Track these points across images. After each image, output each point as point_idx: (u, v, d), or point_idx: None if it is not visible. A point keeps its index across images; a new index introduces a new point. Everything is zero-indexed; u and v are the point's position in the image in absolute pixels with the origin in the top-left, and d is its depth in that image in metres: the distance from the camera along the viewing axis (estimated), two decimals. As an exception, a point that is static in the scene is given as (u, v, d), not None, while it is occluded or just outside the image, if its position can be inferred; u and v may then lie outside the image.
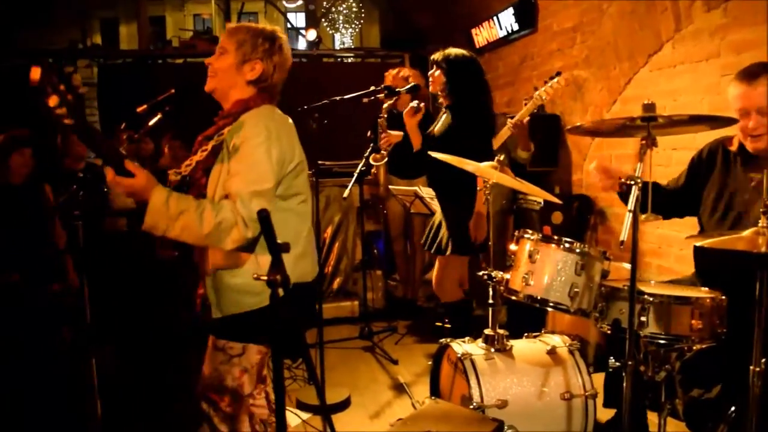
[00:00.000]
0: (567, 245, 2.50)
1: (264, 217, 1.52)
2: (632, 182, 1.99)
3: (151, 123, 2.39)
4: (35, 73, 1.48)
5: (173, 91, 2.25)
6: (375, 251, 5.56)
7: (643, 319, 2.29)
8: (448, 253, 3.63)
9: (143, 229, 1.87)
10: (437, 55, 3.62)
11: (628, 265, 3.30)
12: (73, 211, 2.62)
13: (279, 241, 1.51)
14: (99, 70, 7.62)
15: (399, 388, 3.78)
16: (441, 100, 3.71)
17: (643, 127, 2.05)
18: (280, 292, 1.54)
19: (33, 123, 5.55)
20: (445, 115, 3.65)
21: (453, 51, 3.62)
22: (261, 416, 2.33)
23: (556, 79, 3.74)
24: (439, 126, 3.66)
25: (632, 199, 1.96)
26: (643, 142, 2.03)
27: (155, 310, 3.75)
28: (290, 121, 2.20)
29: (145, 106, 2.26)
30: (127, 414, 3.12)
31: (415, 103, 3.59)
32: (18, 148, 3.77)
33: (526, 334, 2.95)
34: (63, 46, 8.84)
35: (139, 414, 3.22)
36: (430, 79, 3.64)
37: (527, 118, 3.64)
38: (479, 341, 2.76)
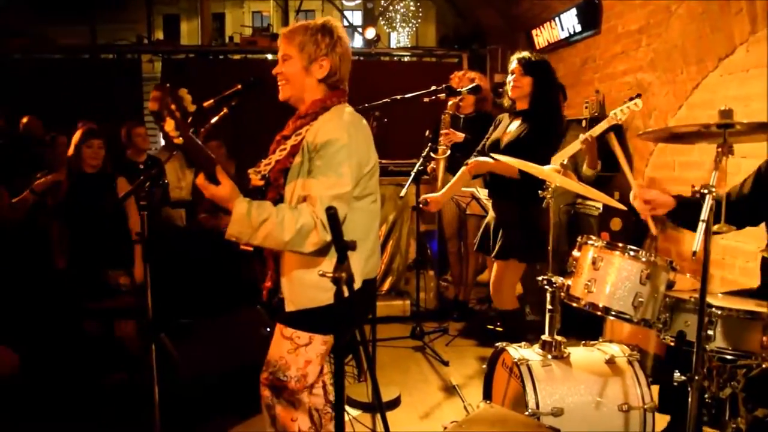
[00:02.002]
0: (632, 253, 2.44)
1: (332, 214, 1.53)
2: (706, 191, 1.92)
3: (213, 120, 2.41)
4: (153, 103, 1.67)
5: (240, 86, 2.27)
6: (428, 251, 5.54)
7: (709, 332, 2.22)
8: (507, 259, 3.52)
9: (226, 238, 1.93)
10: (521, 57, 3.45)
11: (691, 276, 3.21)
12: (140, 202, 2.70)
13: (349, 239, 1.52)
14: (162, 65, 7.83)
15: (449, 390, 3.76)
16: (508, 103, 3.59)
17: (719, 134, 1.97)
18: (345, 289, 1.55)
19: (103, 114, 5.79)
20: (516, 121, 3.53)
21: (535, 55, 3.47)
22: (317, 405, 2.35)
23: (635, 101, 3.63)
24: (512, 131, 3.51)
25: (705, 208, 1.90)
26: (719, 149, 1.96)
27: (216, 301, 3.82)
28: (364, 121, 2.22)
29: (211, 101, 2.27)
30: (184, 401, 3.19)
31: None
32: (87, 140, 3.90)
33: (583, 342, 2.89)
34: (132, 41, 9.10)
35: (196, 401, 3.28)
36: (512, 84, 3.48)
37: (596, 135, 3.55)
38: (536, 347, 2.72)
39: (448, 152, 4.22)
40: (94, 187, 3.86)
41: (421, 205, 3.80)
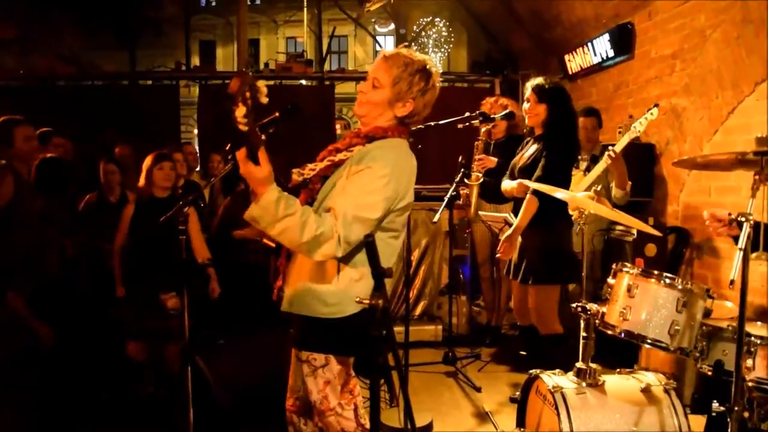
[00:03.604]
0: (668, 281, 2.42)
1: (369, 242, 1.56)
2: (743, 219, 1.91)
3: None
4: (234, 85, 1.68)
5: (278, 114, 2.33)
6: (460, 276, 5.53)
7: (749, 362, 2.19)
8: (534, 283, 3.50)
9: (245, 217, 1.93)
10: (535, 85, 3.49)
11: (729, 304, 3.16)
12: (179, 226, 2.77)
13: (365, 268, 1.55)
14: (200, 90, 8.02)
15: (482, 416, 3.73)
16: (532, 129, 3.63)
17: (756, 162, 1.96)
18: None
19: (143, 139, 5.90)
20: (534, 145, 3.56)
21: (550, 81, 3.51)
22: (347, 429, 2.35)
23: (651, 111, 3.64)
24: (526, 156, 3.56)
25: (743, 236, 1.88)
26: (756, 177, 1.95)
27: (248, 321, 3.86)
28: (414, 161, 2.21)
29: (249, 128, 2.34)
30: (216, 423, 3.22)
31: None
32: (158, 162, 3.86)
33: (618, 369, 2.85)
34: (170, 66, 9.37)
35: (226, 423, 3.32)
36: (527, 112, 3.53)
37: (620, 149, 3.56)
38: (570, 374, 2.69)
39: (482, 179, 4.24)
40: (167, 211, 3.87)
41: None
